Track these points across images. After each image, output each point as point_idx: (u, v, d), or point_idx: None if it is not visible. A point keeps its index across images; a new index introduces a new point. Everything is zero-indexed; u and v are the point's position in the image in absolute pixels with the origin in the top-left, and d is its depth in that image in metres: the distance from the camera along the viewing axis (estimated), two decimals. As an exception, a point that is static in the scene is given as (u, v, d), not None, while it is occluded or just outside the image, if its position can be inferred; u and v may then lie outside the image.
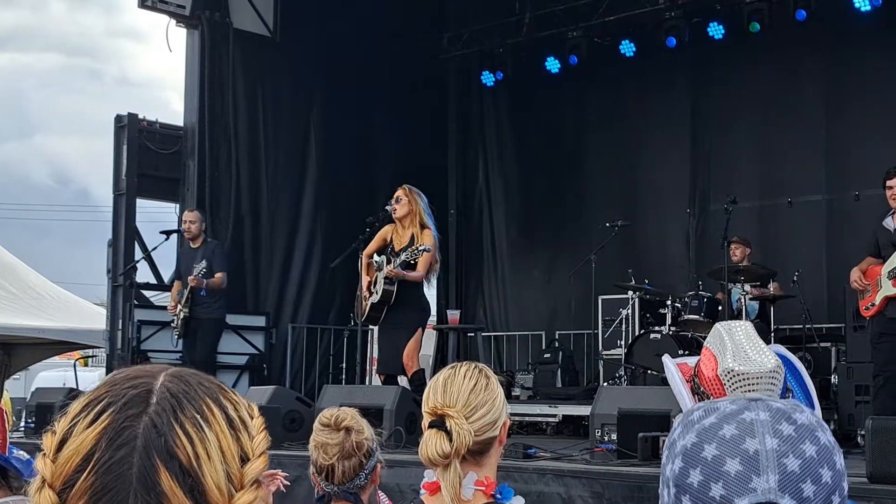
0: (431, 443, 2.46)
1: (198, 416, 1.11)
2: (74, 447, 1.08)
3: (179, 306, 10.00)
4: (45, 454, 1.10)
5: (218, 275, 9.92)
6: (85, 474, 1.06)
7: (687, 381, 2.69)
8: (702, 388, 2.62)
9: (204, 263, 9.77)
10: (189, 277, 9.80)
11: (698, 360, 2.70)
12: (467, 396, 2.54)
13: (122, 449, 1.07)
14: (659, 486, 1.30)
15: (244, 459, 1.12)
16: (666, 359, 2.77)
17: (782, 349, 2.74)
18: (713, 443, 1.24)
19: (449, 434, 2.46)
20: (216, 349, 10.39)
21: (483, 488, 2.53)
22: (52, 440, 1.11)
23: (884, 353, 7.73)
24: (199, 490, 1.08)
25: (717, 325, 2.69)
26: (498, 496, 2.55)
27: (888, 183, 7.92)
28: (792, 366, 2.74)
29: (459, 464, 2.47)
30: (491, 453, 2.60)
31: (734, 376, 2.55)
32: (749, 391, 2.54)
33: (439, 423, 2.49)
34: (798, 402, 1.36)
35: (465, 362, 2.69)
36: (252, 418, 1.17)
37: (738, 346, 2.60)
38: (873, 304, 7.93)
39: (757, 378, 2.54)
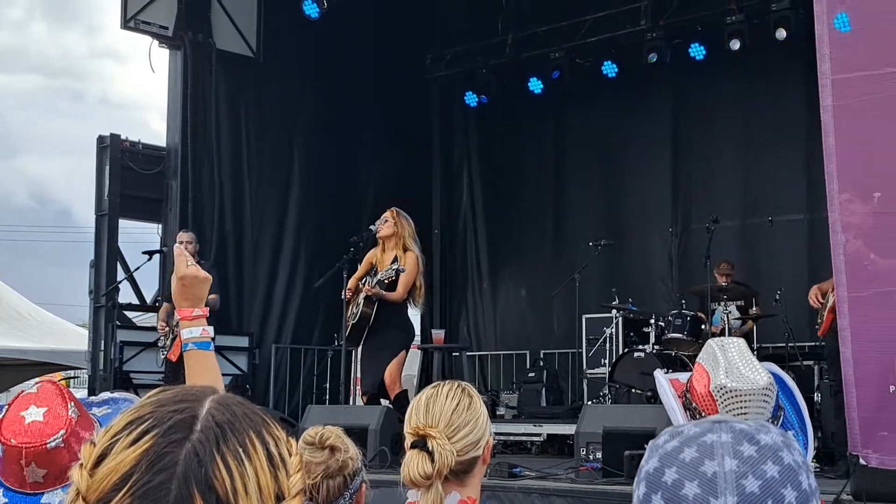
0: (413, 464, 2.44)
1: (240, 450, 1.10)
2: (114, 465, 1.07)
3: (168, 328, 9.90)
4: (82, 465, 1.10)
5: (211, 297, 9.84)
6: (121, 494, 1.06)
7: (679, 397, 2.70)
8: (694, 404, 2.63)
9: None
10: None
11: (690, 377, 2.71)
12: (450, 416, 2.52)
13: (162, 474, 1.06)
14: None
15: (279, 498, 1.11)
16: (658, 374, 2.78)
17: (775, 367, 2.75)
18: (673, 466, 1.23)
19: (431, 454, 2.44)
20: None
21: (466, 508, 2.51)
22: (90, 452, 1.10)
23: (835, 371, 7.42)
24: None
25: (711, 342, 2.70)
26: (480, 515, 2.54)
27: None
28: (784, 384, 2.75)
29: (442, 484, 2.46)
30: (474, 473, 2.58)
31: (726, 393, 2.55)
32: (741, 408, 2.55)
33: (421, 443, 2.47)
34: (765, 423, 1.35)
35: (447, 381, 2.68)
36: (290, 455, 1.16)
37: (730, 363, 2.60)
38: (821, 322, 7.87)
39: (749, 395, 2.54)
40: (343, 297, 8.80)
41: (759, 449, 1.23)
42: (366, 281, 8.51)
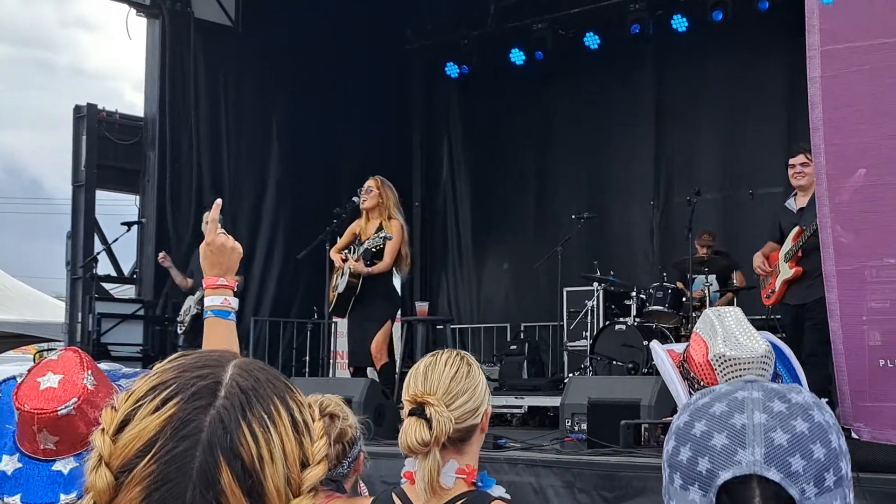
0: (411, 430, 2.44)
1: (265, 417, 1.09)
2: (137, 431, 1.06)
3: (191, 303, 10.05)
4: (104, 430, 1.08)
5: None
6: (146, 461, 1.05)
7: (676, 367, 2.68)
8: (692, 374, 2.61)
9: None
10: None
11: (687, 346, 2.69)
12: (448, 384, 2.51)
13: (187, 441, 1.05)
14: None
15: (304, 464, 1.11)
16: (655, 345, 2.76)
17: (772, 336, 2.73)
18: (703, 419, 1.26)
19: (429, 422, 2.43)
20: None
21: (464, 476, 2.51)
22: (112, 417, 1.09)
23: (794, 343, 7.30)
24: (258, 492, 1.06)
25: (707, 311, 2.68)
26: (479, 484, 2.53)
27: (790, 161, 7.85)
28: (781, 352, 2.73)
29: (440, 451, 2.45)
30: (472, 441, 2.57)
31: (725, 361, 2.54)
32: (740, 376, 2.53)
33: (419, 410, 2.47)
34: (797, 385, 1.35)
35: (447, 349, 2.67)
36: (314, 421, 1.15)
37: (728, 332, 2.59)
38: (773, 292, 7.78)
39: (748, 363, 2.53)
40: (327, 267, 8.76)
41: (789, 406, 1.25)
42: (351, 250, 8.45)
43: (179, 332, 10.29)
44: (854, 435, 5.02)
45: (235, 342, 2.59)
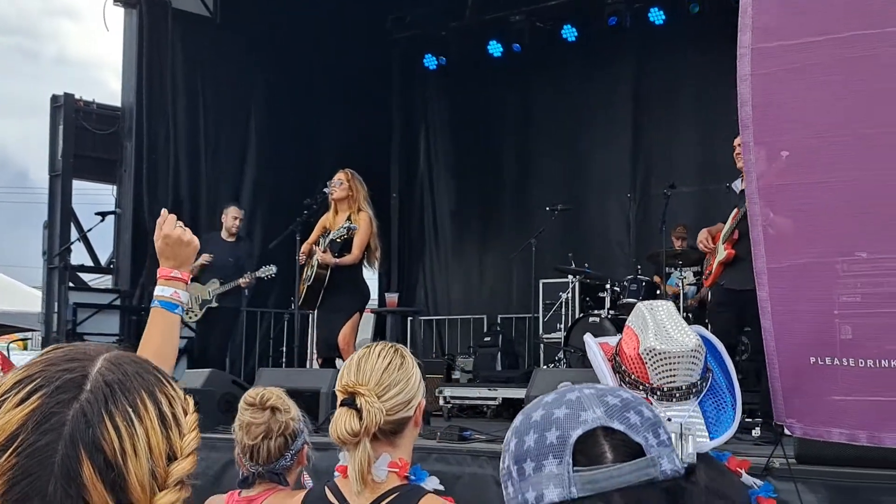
0: (341, 421, 2.44)
1: (129, 410, 1.08)
2: (0, 425, 1.06)
3: (206, 293, 10.23)
4: None
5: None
6: (6, 454, 1.04)
7: (608, 360, 2.69)
8: (623, 367, 2.62)
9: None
10: (242, 280, 10.09)
11: (620, 339, 2.71)
12: (380, 375, 2.51)
13: (48, 434, 1.05)
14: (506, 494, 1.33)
15: (171, 458, 1.10)
16: (588, 337, 2.77)
17: (704, 330, 2.75)
18: (538, 409, 1.33)
19: (359, 412, 2.43)
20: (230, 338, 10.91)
21: (397, 470, 2.51)
22: None
23: (718, 326, 7.31)
24: (121, 485, 1.06)
25: (640, 305, 2.69)
26: (411, 477, 2.53)
27: (734, 143, 7.87)
28: (713, 346, 2.75)
29: (373, 444, 2.45)
30: (405, 434, 2.57)
31: (656, 355, 2.55)
32: (670, 370, 2.55)
33: (350, 401, 2.47)
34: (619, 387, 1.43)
35: (381, 342, 2.67)
36: (187, 414, 1.15)
37: (659, 325, 2.60)
38: (710, 273, 7.77)
39: (678, 357, 2.54)
40: (297, 259, 8.77)
41: (622, 400, 1.33)
42: (319, 243, 8.46)
43: (189, 321, 10.42)
44: (787, 431, 5.06)
45: (176, 335, 2.59)
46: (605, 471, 1.25)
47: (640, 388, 2.53)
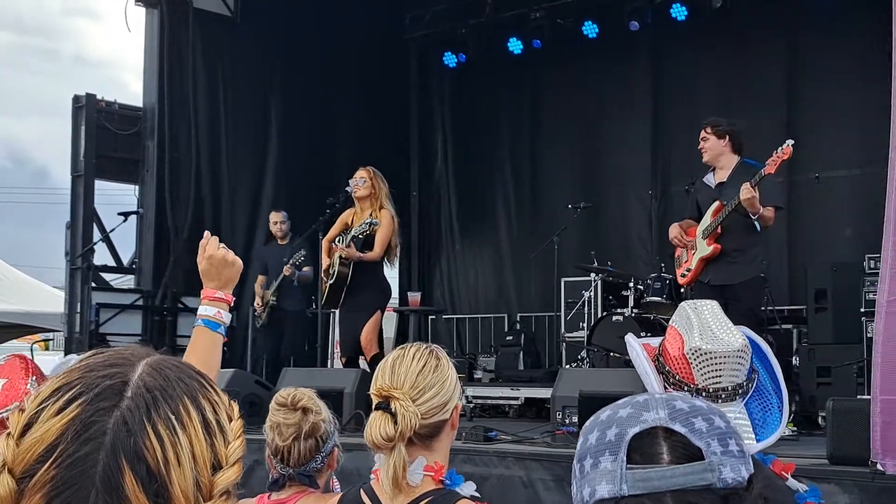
0: (376, 425, 2.40)
1: (172, 417, 1.04)
2: (39, 435, 1.02)
3: (268, 295, 10.45)
4: (10, 434, 1.03)
5: (306, 269, 10.20)
6: (47, 466, 1.00)
7: (651, 361, 2.65)
8: (667, 368, 2.58)
9: (302, 252, 10.02)
10: (285, 267, 10.12)
11: (662, 340, 2.66)
12: (415, 378, 2.47)
13: (89, 444, 1.01)
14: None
15: (216, 467, 1.06)
16: (630, 338, 2.73)
17: (749, 331, 2.70)
18: (606, 410, 1.32)
19: (394, 416, 2.40)
20: (306, 339, 10.91)
21: (432, 473, 2.46)
22: (18, 420, 1.04)
23: None
24: (164, 496, 1.02)
25: (684, 304, 2.65)
26: (447, 482, 2.49)
27: (702, 134, 7.71)
28: (758, 347, 2.70)
29: (408, 448, 2.41)
30: (441, 437, 2.53)
31: (701, 355, 2.50)
32: (716, 370, 2.51)
33: (385, 405, 2.43)
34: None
35: (416, 343, 2.63)
36: (231, 420, 1.11)
37: (704, 325, 2.55)
38: (689, 270, 7.57)
39: (724, 357, 2.50)
40: (320, 261, 8.77)
41: (692, 406, 1.30)
42: (339, 240, 8.44)
43: (258, 325, 10.67)
44: (879, 467, 4.92)
45: (218, 354, 2.59)
46: (659, 470, 1.22)
47: (685, 388, 2.49)
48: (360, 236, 8.23)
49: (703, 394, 2.47)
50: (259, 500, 3.43)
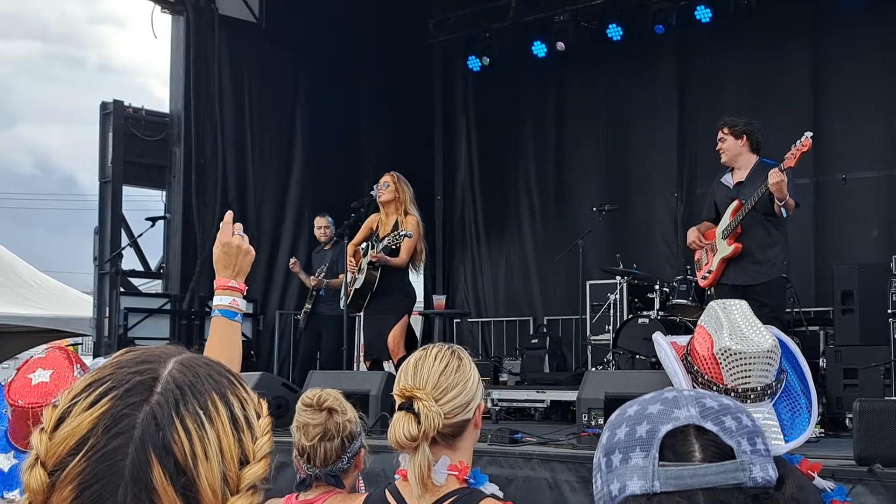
0: (399, 425, 2.42)
1: (200, 412, 1.07)
2: (70, 429, 1.04)
3: (306, 303, 10.59)
4: (43, 429, 1.06)
5: (341, 276, 10.14)
6: (77, 459, 1.03)
7: (679, 359, 2.66)
8: (695, 367, 2.58)
9: (325, 265, 10.19)
10: (311, 278, 10.29)
11: (691, 339, 2.67)
12: (437, 378, 2.49)
13: (119, 438, 1.03)
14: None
15: (244, 462, 1.08)
16: (658, 336, 2.73)
17: (778, 331, 2.70)
18: (634, 405, 1.31)
19: (417, 416, 2.41)
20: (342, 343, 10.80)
21: (456, 473, 2.48)
22: (51, 415, 1.07)
23: None
24: (192, 490, 1.04)
25: (713, 304, 2.65)
26: (471, 481, 2.50)
27: (719, 135, 7.62)
28: (787, 348, 2.70)
29: (432, 448, 2.43)
30: (465, 437, 2.55)
31: (731, 355, 2.51)
32: (745, 370, 2.51)
33: (408, 405, 2.45)
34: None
35: (437, 344, 2.65)
36: (259, 417, 1.13)
37: (734, 325, 2.55)
38: (710, 272, 7.50)
39: (753, 357, 2.50)
40: (346, 265, 8.82)
41: (721, 405, 1.30)
42: (370, 245, 8.49)
43: (301, 326, 10.77)
44: None
45: (238, 343, 2.59)
46: (692, 468, 1.23)
47: (714, 388, 2.49)
48: (393, 247, 8.28)
49: (732, 394, 2.47)
50: (287, 501, 3.46)
